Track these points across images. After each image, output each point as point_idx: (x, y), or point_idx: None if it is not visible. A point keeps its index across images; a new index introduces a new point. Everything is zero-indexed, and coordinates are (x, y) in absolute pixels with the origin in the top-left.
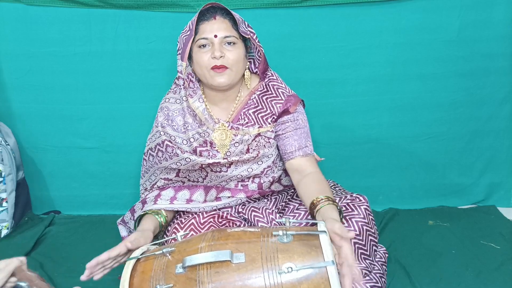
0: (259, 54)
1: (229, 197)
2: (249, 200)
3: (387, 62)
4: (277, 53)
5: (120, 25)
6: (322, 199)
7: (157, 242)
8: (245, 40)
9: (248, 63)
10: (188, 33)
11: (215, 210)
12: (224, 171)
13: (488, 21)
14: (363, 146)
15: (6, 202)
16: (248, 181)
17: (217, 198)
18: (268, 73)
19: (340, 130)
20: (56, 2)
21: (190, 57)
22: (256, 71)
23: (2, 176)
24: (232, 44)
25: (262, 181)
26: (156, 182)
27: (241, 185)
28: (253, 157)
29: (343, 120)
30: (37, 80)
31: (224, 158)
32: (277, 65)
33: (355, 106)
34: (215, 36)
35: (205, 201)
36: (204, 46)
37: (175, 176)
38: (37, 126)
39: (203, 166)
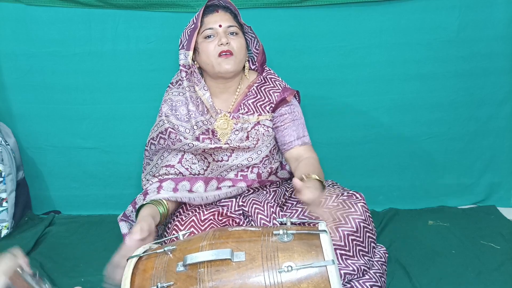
0: (256, 47)
1: (230, 186)
2: (249, 189)
3: (387, 62)
4: (277, 53)
5: (120, 25)
6: (309, 176)
7: (159, 241)
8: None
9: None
10: (193, 26)
11: (216, 206)
12: (226, 160)
13: (488, 21)
14: (363, 146)
15: (6, 202)
16: (248, 171)
17: (218, 189)
18: (265, 67)
19: (340, 130)
20: (56, 2)
21: (194, 50)
22: (255, 67)
23: (2, 176)
24: (235, 34)
25: (260, 171)
26: (158, 171)
27: (241, 175)
28: (253, 144)
29: (343, 120)
30: (37, 80)
31: (225, 144)
32: (277, 65)
33: (355, 106)
34: (220, 26)
35: (206, 191)
36: (209, 36)
37: (178, 163)
38: (37, 126)
39: (205, 155)
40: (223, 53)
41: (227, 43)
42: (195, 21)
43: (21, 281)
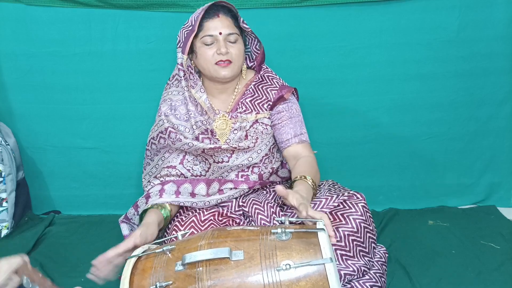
0: (257, 47)
1: (231, 188)
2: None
3: (387, 62)
4: (277, 53)
5: (120, 25)
6: (303, 177)
7: (158, 241)
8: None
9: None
10: (190, 28)
11: (216, 206)
12: (226, 161)
13: (488, 21)
14: (363, 146)
15: (6, 202)
16: (248, 171)
17: (220, 191)
18: (263, 66)
19: (340, 130)
20: (56, 2)
21: (191, 51)
22: (252, 65)
23: (2, 176)
24: (234, 40)
25: (262, 172)
26: (159, 172)
27: (241, 176)
28: (252, 143)
29: (343, 120)
30: (37, 80)
31: (224, 143)
32: (277, 65)
33: (355, 106)
34: (220, 33)
35: (207, 194)
36: (209, 43)
37: (179, 164)
38: (37, 126)
39: (206, 156)
40: (221, 62)
41: (226, 53)
42: (192, 23)
43: (34, 274)
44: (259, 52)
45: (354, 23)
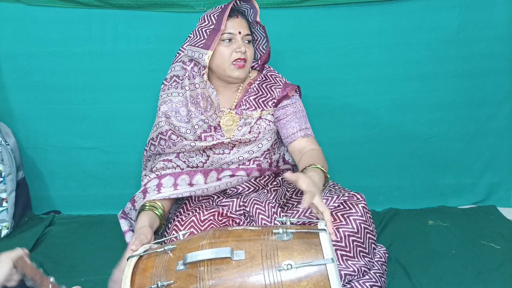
0: (264, 46)
1: (230, 175)
2: (248, 185)
3: (387, 62)
4: (277, 53)
5: (120, 25)
6: (313, 165)
7: (159, 240)
8: None
9: None
10: (212, 27)
11: (217, 206)
12: (227, 153)
13: (488, 21)
14: (363, 146)
15: (6, 202)
16: (248, 164)
17: (218, 179)
18: (266, 65)
19: (340, 130)
20: (56, 2)
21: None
22: (255, 64)
23: (2, 176)
24: (249, 42)
25: (261, 162)
26: (155, 165)
27: (242, 168)
28: (254, 137)
29: (343, 120)
30: (37, 80)
31: (227, 138)
32: (277, 65)
33: (355, 106)
34: (239, 32)
35: (206, 183)
36: (227, 40)
37: (175, 157)
38: (37, 126)
39: (205, 149)
40: (239, 60)
41: (245, 52)
42: (213, 22)
43: (27, 266)
44: (264, 52)
45: (354, 23)
